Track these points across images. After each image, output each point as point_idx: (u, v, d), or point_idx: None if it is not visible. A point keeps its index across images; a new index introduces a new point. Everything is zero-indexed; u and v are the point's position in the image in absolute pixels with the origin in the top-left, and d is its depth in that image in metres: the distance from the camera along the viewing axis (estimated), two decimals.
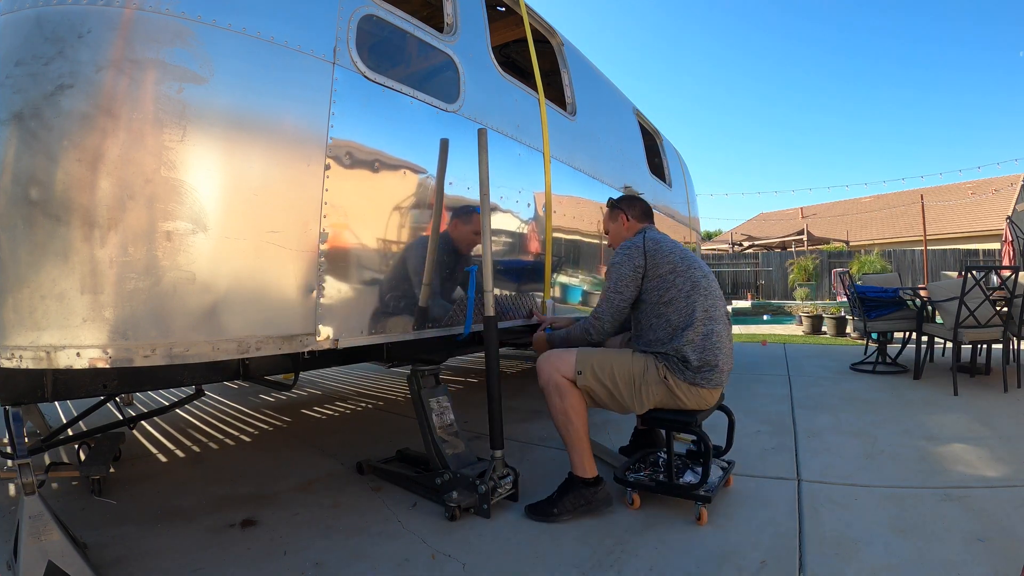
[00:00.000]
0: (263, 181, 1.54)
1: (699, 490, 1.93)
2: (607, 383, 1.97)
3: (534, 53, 2.89)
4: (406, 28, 2.06)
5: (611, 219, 2.37)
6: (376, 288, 1.91)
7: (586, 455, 2.00)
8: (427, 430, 2.19)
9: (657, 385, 1.95)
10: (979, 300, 3.70)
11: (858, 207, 23.30)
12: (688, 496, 1.96)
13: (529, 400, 3.85)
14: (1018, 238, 7.35)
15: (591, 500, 1.96)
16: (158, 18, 1.39)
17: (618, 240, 2.32)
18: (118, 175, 1.31)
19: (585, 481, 1.97)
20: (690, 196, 6.14)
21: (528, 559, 1.69)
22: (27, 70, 1.30)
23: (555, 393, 2.00)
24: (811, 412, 3.37)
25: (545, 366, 2.05)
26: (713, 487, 1.96)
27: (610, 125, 3.97)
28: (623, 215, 2.31)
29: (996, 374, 4.03)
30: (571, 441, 2.00)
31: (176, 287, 1.39)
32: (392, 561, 1.68)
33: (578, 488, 1.97)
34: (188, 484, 2.36)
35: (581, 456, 1.99)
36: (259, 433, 3.18)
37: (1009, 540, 1.68)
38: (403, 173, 2.00)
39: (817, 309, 8.73)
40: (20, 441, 1.55)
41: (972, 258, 13.72)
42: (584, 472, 1.98)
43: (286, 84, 1.61)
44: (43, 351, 1.29)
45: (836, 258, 14.88)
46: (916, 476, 2.25)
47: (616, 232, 2.35)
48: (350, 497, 2.19)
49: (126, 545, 1.79)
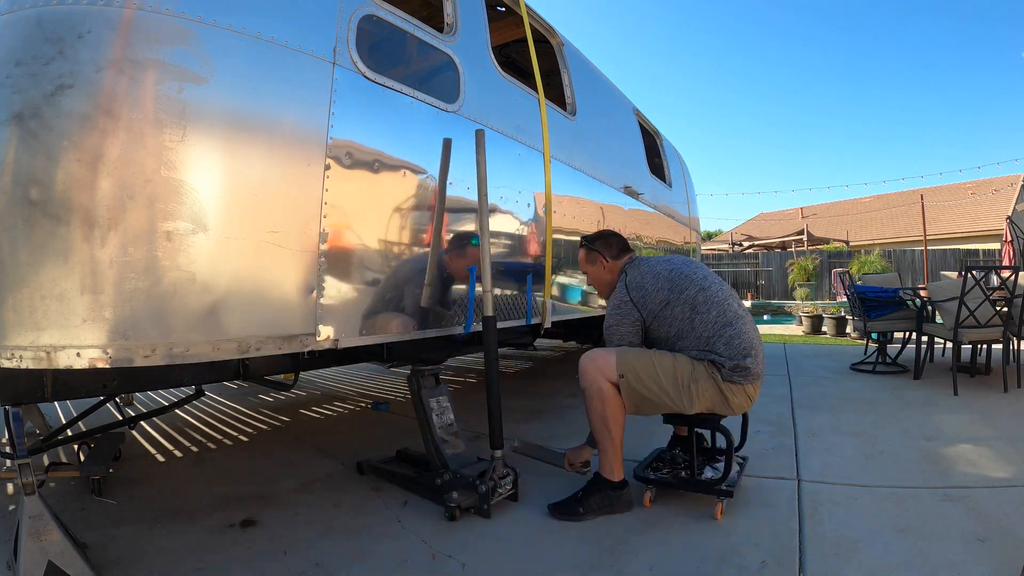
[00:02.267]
0: (263, 181, 1.54)
1: (721, 485, 1.97)
2: (652, 385, 1.94)
3: (534, 53, 2.89)
4: (406, 28, 2.06)
5: (588, 262, 2.30)
6: (376, 288, 1.91)
7: (617, 459, 2.00)
8: (427, 430, 2.19)
9: (707, 381, 1.93)
10: (979, 300, 3.70)
11: (858, 207, 23.30)
12: (710, 491, 1.99)
13: (529, 400, 3.86)
14: (1018, 238, 7.35)
15: (615, 502, 1.98)
16: (158, 18, 1.39)
17: (599, 283, 2.30)
18: (118, 175, 1.31)
19: (612, 484, 1.99)
20: (690, 196, 6.14)
21: (528, 559, 1.69)
22: (27, 70, 1.30)
23: (597, 397, 1.98)
24: (811, 412, 3.37)
25: (590, 367, 2.01)
26: (733, 482, 2.00)
27: (610, 125, 3.97)
28: (601, 258, 2.25)
29: (996, 374, 4.03)
30: (605, 446, 2.00)
31: (176, 287, 1.39)
32: (392, 561, 1.68)
33: (605, 490, 1.99)
34: (188, 484, 2.36)
35: (612, 460, 2.00)
36: (259, 433, 3.17)
37: (1009, 540, 1.68)
38: (403, 173, 2.00)
39: (817, 309, 8.74)
40: (20, 441, 1.55)
41: (972, 258, 13.71)
42: (613, 476, 2.00)
43: (286, 84, 1.61)
44: (43, 351, 1.29)
45: (836, 258, 14.87)
46: (916, 476, 2.25)
47: (596, 275, 2.29)
48: (350, 497, 2.19)
49: (126, 545, 1.79)
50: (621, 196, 3.92)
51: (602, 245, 2.27)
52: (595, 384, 1.98)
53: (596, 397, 1.98)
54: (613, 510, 1.98)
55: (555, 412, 3.50)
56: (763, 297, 15.26)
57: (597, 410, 1.99)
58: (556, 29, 3.28)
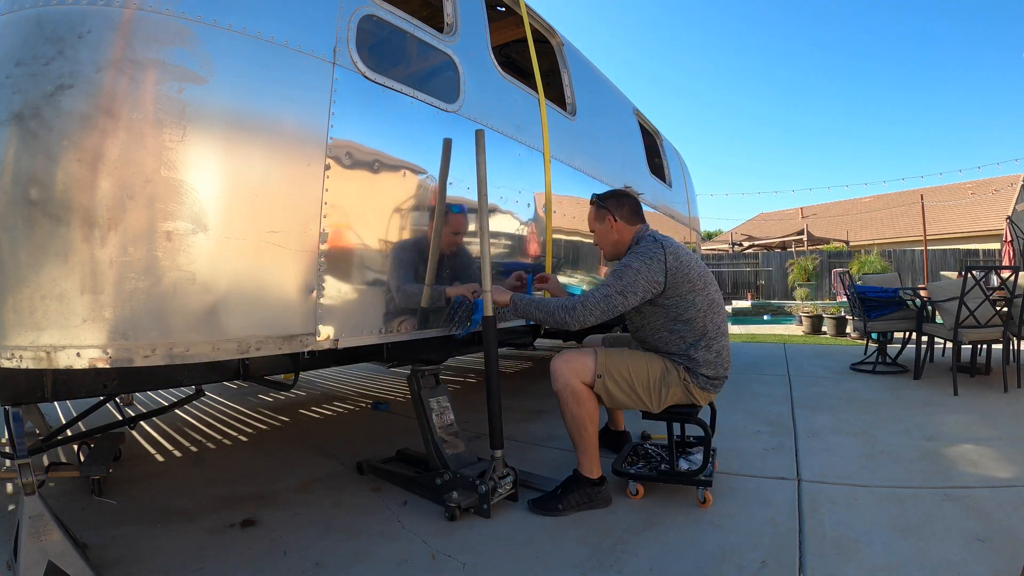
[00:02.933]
0: (263, 181, 1.54)
1: (701, 475, 2.04)
2: (624, 387, 2.01)
3: (534, 53, 2.89)
4: (406, 28, 2.06)
5: (596, 219, 2.19)
6: (376, 288, 1.91)
7: (595, 458, 2.04)
8: (427, 430, 2.19)
9: (676, 387, 2.02)
10: (979, 300, 3.70)
11: (858, 207, 23.29)
12: (691, 482, 2.06)
13: (529, 400, 3.85)
14: (1018, 238, 7.35)
15: (594, 498, 2.01)
16: (158, 18, 1.39)
17: (606, 243, 2.20)
18: (118, 175, 1.31)
19: (591, 481, 2.03)
20: (690, 196, 6.14)
21: (528, 559, 1.69)
22: (27, 70, 1.30)
23: (572, 399, 2.00)
24: (811, 412, 3.37)
25: (563, 369, 2.01)
26: (710, 472, 2.08)
27: (610, 125, 3.97)
28: (610, 216, 2.14)
29: (996, 374, 4.03)
30: (583, 445, 2.03)
31: (176, 287, 1.39)
32: (392, 561, 1.68)
33: (583, 487, 2.02)
34: (188, 484, 2.36)
35: (590, 458, 2.04)
36: (259, 433, 3.18)
37: (1009, 540, 1.68)
38: (403, 173, 2.00)
39: (817, 309, 8.73)
40: (20, 441, 1.55)
41: (972, 258, 13.70)
42: (591, 473, 2.03)
43: (286, 84, 1.61)
44: (43, 351, 1.29)
45: (836, 258, 14.87)
46: (916, 476, 2.25)
47: (603, 234, 2.18)
48: (350, 497, 2.19)
49: (126, 545, 1.79)
50: None
51: (613, 203, 2.15)
52: (569, 386, 2.00)
53: (571, 399, 2.00)
54: (592, 506, 2.01)
55: (555, 412, 3.46)
56: (763, 297, 15.26)
57: (573, 411, 2.01)
58: (556, 29, 3.28)
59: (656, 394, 2.01)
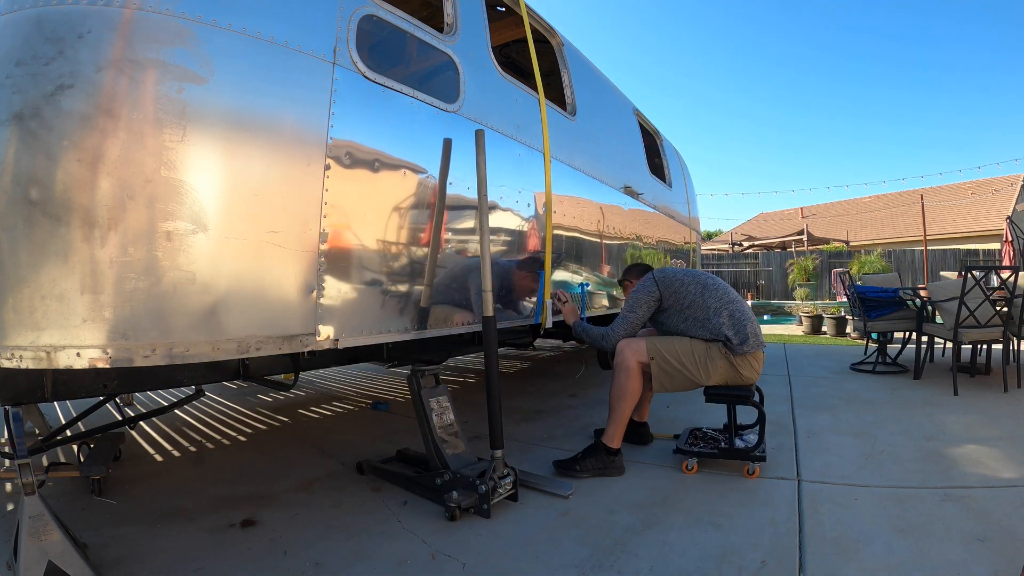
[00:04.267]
0: (263, 181, 1.54)
1: (756, 451, 2.35)
2: (675, 364, 2.34)
3: (534, 53, 2.89)
4: (406, 28, 2.06)
5: (626, 290, 2.85)
6: (376, 288, 1.90)
7: (621, 431, 2.36)
8: (427, 430, 2.19)
9: (721, 359, 2.33)
10: (979, 300, 3.70)
11: (858, 207, 23.29)
12: (747, 457, 2.34)
13: (529, 400, 3.86)
14: (1018, 238, 7.35)
15: (608, 466, 2.33)
16: (158, 18, 1.39)
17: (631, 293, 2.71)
18: (118, 175, 1.31)
19: (609, 450, 2.34)
20: (690, 196, 6.14)
21: (528, 559, 1.69)
22: (27, 70, 1.30)
23: (624, 373, 2.37)
24: (811, 412, 3.37)
25: (624, 348, 2.42)
26: (764, 448, 2.37)
27: (610, 125, 3.97)
28: (628, 282, 2.83)
29: (996, 374, 4.03)
30: (616, 414, 2.36)
31: (176, 287, 1.39)
32: (392, 561, 1.68)
33: (601, 454, 2.33)
34: (188, 484, 2.36)
35: (617, 428, 2.36)
36: (259, 433, 3.18)
37: (1009, 540, 1.68)
38: (403, 173, 1.99)
39: (817, 309, 8.74)
40: (20, 441, 1.55)
41: (972, 258, 13.69)
42: (612, 442, 2.35)
43: (286, 84, 1.61)
44: (43, 351, 1.29)
45: (836, 258, 14.86)
46: (916, 476, 2.25)
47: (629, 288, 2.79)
48: (350, 497, 2.19)
49: (126, 545, 1.79)
50: (621, 196, 3.92)
51: (631, 275, 2.85)
52: (626, 362, 2.38)
53: (624, 373, 2.37)
54: (607, 472, 2.32)
55: (555, 412, 3.50)
56: (763, 297, 15.25)
57: (620, 383, 2.37)
58: (556, 29, 3.28)
59: (704, 367, 2.33)
